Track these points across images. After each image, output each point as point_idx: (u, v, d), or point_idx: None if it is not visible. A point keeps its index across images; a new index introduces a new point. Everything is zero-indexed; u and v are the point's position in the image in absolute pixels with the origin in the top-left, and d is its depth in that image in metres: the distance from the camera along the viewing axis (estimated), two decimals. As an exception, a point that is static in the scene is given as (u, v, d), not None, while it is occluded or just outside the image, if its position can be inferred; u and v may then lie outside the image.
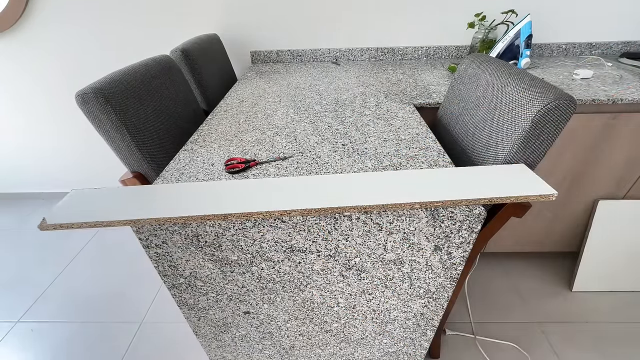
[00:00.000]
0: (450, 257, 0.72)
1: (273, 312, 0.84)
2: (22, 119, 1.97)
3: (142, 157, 0.92)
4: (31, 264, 1.77)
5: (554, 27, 1.63)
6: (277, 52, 1.77)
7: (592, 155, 1.25)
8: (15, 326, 1.45)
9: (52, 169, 2.16)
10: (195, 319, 0.87)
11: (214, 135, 0.98)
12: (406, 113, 1.07)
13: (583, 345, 1.27)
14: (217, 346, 0.97)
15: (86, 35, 1.72)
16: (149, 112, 0.98)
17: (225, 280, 0.76)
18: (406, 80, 1.41)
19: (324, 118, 1.06)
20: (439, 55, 1.74)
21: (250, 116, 1.11)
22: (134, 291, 1.58)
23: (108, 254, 1.82)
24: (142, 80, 0.98)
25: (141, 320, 1.44)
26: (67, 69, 1.81)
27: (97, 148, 2.06)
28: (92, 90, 0.82)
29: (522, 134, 0.73)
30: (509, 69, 0.86)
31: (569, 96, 0.68)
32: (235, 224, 0.65)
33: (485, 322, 1.37)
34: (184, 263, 0.72)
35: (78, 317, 1.48)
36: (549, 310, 1.40)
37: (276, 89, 1.37)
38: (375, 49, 1.74)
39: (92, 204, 0.62)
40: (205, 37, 1.54)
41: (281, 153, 0.86)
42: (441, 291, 0.80)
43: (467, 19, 1.56)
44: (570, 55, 1.68)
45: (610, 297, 1.44)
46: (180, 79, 1.18)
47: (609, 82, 1.26)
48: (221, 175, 0.78)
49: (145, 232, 0.66)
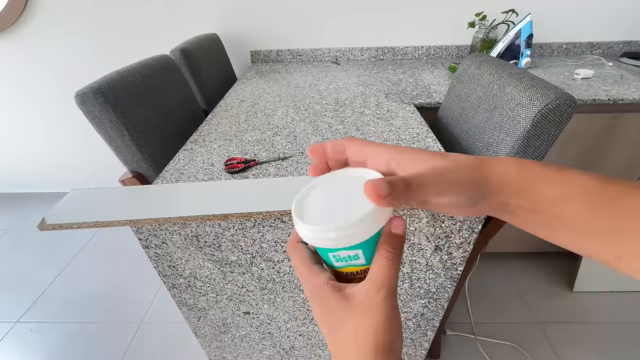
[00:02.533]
0: (451, 257, 0.72)
1: (273, 313, 0.84)
2: (21, 119, 1.97)
3: (141, 157, 0.92)
4: (31, 264, 1.77)
5: (555, 27, 1.62)
6: (277, 52, 1.76)
7: (593, 155, 1.24)
8: (14, 326, 1.45)
9: (52, 169, 2.16)
10: (195, 319, 0.87)
11: (214, 135, 0.98)
12: (406, 113, 1.07)
13: (584, 346, 1.27)
14: (216, 346, 0.97)
15: (86, 35, 1.72)
16: (149, 112, 0.97)
17: (225, 281, 0.76)
18: (406, 80, 1.41)
19: (324, 118, 1.06)
20: (440, 55, 1.73)
21: (250, 116, 1.11)
22: (134, 291, 1.58)
23: (108, 254, 1.82)
24: (141, 80, 0.98)
25: (141, 320, 1.44)
26: (66, 68, 1.81)
27: (97, 148, 2.05)
28: (92, 90, 0.82)
29: (522, 133, 0.73)
30: (510, 69, 0.86)
31: (570, 96, 0.68)
32: (235, 224, 0.64)
33: (486, 323, 1.36)
34: (184, 263, 0.72)
35: (78, 317, 1.47)
36: (549, 310, 1.40)
37: (276, 88, 1.37)
38: (376, 49, 1.73)
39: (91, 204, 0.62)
40: (205, 37, 1.53)
41: (281, 153, 0.86)
42: (441, 291, 0.80)
43: (467, 19, 1.56)
44: (571, 54, 1.68)
45: (611, 298, 1.43)
46: (180, 79, 1.18)
47: (609, 82, 1.26)
48: (221, 175, 0.78)
49: (145, 232, 0.66)
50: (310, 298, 0.25)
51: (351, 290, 0.24)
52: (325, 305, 0.24)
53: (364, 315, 0.23)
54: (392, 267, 0.23)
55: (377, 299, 0.23)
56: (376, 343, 0.22)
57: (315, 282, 0.25)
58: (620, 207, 0.20)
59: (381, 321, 0.22)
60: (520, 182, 0.23)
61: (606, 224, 0.21)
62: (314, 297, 0.25)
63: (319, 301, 0.24)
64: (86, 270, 1.72)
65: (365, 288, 0.23)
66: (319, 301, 0.24)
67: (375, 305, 0.23)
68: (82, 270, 1.72)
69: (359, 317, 0.23)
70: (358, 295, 0.23)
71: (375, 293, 0.23)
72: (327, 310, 0.24)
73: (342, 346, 0.23)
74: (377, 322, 0.22)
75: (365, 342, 0.22)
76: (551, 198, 0.22)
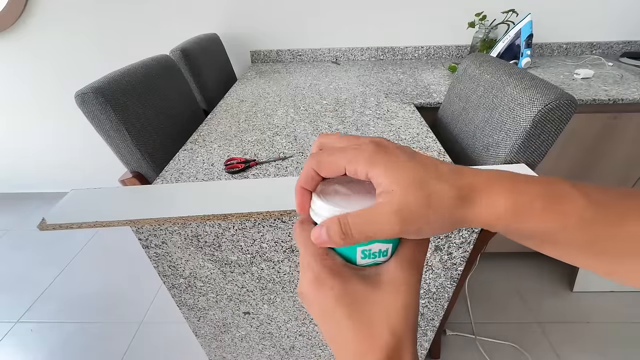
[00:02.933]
0: (451, 257, 0.72)
1: (273, 313, 0.84)
2: (21, 119, 1.97)
3: (141, 157, 0.92)
4: (31, 264, 1.77)
5: (555, 27, 1.62)
6: (277, 52, 1.76)
7: (593, 155, 1.24)
8: (14, 326, 1.45)
9: (51, 169, 2.16)
10: (195, 319, 0.87)
11: (214, 135, 0.98)
12: (406, 113, 1.07)
13: (584, 346, 1.26)
14: (216, 346, 0.97)
15: (85, 35, 1.72)
16: (149, 112, 0.97)
17: (225, 281, 0.76)
18: (406, 79, 1.41)
19: (324, 118, 1.06)
20: (440, 55, 1.73)
21: (250, 116, 1.11)
22: (134, 291, 1.58)
23: (108, 254, 1.82)
24: (141, 80, 0.98)
25: (141, 320, 1.44)
26: (66, 68, 1.80)
27: (97, 148, 2.05)
28: (92, 90, 0.82)
29: (522, 133, 0.73)
30: (510, 69, 0.86)
31: (570, 96, 0.68)
32: (235, 224, 0.64)
33: (486, 323, 1.36)
34: (184, 263, 0.72)
35: (77, 317, 1.47)
36: (549, 310, 1.40)
37: (276, 88, 1.37)
38: (376, 49, 1.73)
39: (91, 204, 0.62)
40: (205, 36, 1.53)
41: (281, 153, 0.86)
42: (441, 291, 0.80)
43: (467, 19, 1.56)
44: (571, 54, 1.68)
45: (611, 298, 1.43)
46: (180, 79, 1.18)
47: (609, 82, 1.26)
48: (221, 175, 0.78)
49: (145, 232, 0.66)
50: (321, 280, 0.22)
51: (371, 271, 0.23)
52: (345, 286, 0.22)
53: (396, 295, 0.21)
54: (424, 247, 0.23)
55: (411, 279, 0.22)
56: (408, 323, 0.21)
57: (332, 260, 0.23)
58: (621, 235, 0.19)
59: (413, 301, 0.22)
60: (510, 220, 0.20)
61: (602, 249, 0.20)
62: (329, 277, 0.22)
63: (336, 282, 0.22)
64: (86, 270, 1.72)
65: (396, 268, 0.22)
66: (337, 282, 0.22)
67: (408, 284, 0.22)
68: (82, 270, 1.72)
69: (390, 298, 0.21)
70: (387, 276, 0.22)
71: (409, 273, 0.22)
72: (347, 291, 0.21)
73: (371, 329, 0.21)
74: (409, 302, 0.21)
75: (399, 320, 0.21)
76: (543, 231, 0.20)
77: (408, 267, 0.22)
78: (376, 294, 0.21)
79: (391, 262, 0.23)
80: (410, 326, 0.21)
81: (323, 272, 0.22)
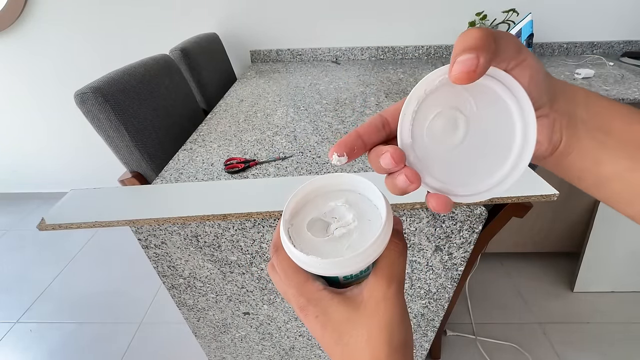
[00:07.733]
0: (451, 257, 0.72)
1: (273, 313, 0.84)
2: (20, 118, 1.97)
3: (141, 157, 0.92)
4: (30, 264, 1.77)
5: (555, 26, 1.62)
6: (277, 52, 1.76)
7: (594, 155, 1.24)
8: (14, 326, 1.45)
9: (51, 169, 2.15)
10: (195, 319, 0.87)
11: (214, 134, 0.98)
12: (407, 113, 1.07)
13: (584, 346, 1.26)
14: (216, 347, 0.96)
15: (85, 35, 1.72)
16: (148, 111, 0.97)
17: (225, 281, 0.75)
18: (407, 79, 1.41)
19: (324, 117, 1.06)
20: (440, 55, 1.73)
21: (249, 116, 1.10)
22: (134, 291, 1.58)
23: (107, 254, 1.81)
24: (141, 80, 0.97)
25: (140, 320, 1.44)
26: (66, 68, 1.80)
27: (96, 148, 2.05)
28: (91, 89, 0.82)
29: (523, 133, 0.73)
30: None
31: (571, 95, 0.68)
32: (234, 224, 0.64)
33: (486, 323, 1.36)
34: (183, 263, 0.72)
35: (77, 317, 1.47)
36: (550, 310, 1.40)
37: (276, 88, 1.37)
38: (376, 48, 1.73)
39: (91, 204, 0.62)
40: (205, 36, 1.53)
41: (281, 153, 0.86)
42: (442, 292, 0.80)
43: (468, 18, 1.56)
44: (571, 54, 1.67)
45: (612, 298, 1.43)
46: (179, 79, 1.17)
47: (610, 82, 1.25)
48: (221, 175, 0.77)
49: (145, 232, 0.66)
50: (305, 310, 0.22)
51: (354, 291, 0.23)
52: (327, 312, 0.22)
53: (376, 312, 0.21)
54: (402, 260, 0.23)
55: (389, 292, 0.21)
56: (391, 340, 0.21)
57: (311, 288, 0.22)
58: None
59: (396, 316, 0.21)
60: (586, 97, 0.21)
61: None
62: (311, 306, 0.22)
63: (318, 310, 0.22)
64: (86, 270, 1.72)
65: (374, 284, 0.22)
66: (319, 310, 0.22)
67: (387, 299, 0.21)
68: (81, 270, 1.72)
69: (371, 316, 0.21)
70: (367, 293, 0.22)
71: (387, 287, 0.21)
72: (330, 317, 0.22)
73: (354, 352, 0.21)
74: (391, 318, 0.21)
75: (381, 341, 0.20)
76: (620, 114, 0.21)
77: (386, 282, 0.22)
78: (358, 315, 0.21)
79: (370, 278, 0.22)
80: (394, 345, 0.21)
81: (304, 302, 0.22)
